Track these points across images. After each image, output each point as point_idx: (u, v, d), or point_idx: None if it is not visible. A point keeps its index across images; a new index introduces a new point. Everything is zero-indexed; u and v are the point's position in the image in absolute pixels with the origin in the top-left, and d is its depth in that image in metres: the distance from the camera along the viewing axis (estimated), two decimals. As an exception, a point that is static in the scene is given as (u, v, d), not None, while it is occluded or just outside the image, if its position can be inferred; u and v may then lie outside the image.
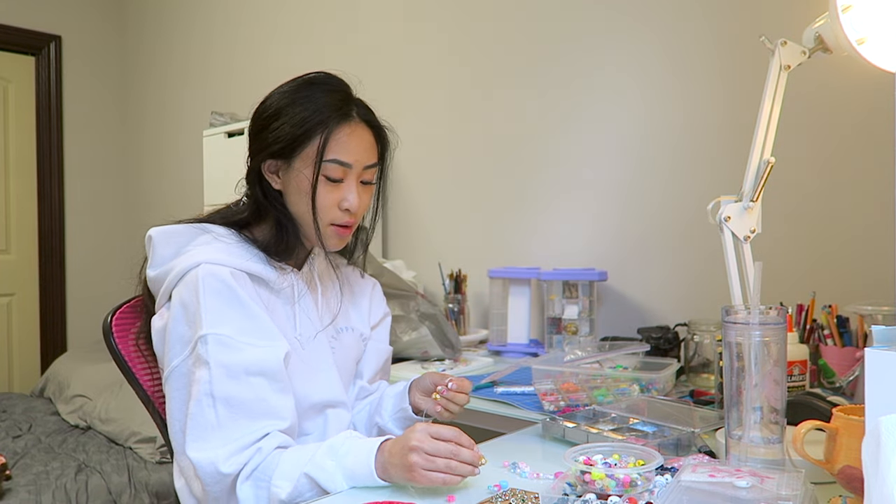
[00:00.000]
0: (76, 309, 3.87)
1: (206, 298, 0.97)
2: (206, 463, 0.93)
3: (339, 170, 1.05)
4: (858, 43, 1.01)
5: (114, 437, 2.54)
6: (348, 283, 1.24)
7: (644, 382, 1.33)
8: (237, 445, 0.94)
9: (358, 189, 1.07)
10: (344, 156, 1.04)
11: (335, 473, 0.91)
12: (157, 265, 1.07)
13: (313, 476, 0.91)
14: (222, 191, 1.10)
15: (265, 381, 0.96)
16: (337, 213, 1.06)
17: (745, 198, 1.09)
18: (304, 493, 0.91)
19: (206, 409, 0.94)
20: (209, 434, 0.94)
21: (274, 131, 1.05)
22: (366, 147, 1.08)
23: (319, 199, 1.05)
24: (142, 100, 3.91)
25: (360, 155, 1.06)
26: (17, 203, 3.72)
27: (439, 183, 2.45)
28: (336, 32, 2.78)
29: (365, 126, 1.08)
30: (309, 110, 1.04)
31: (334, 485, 0.91)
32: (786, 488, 0.73)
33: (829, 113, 1.63)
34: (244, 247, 1.07)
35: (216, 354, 0.95)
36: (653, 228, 1.94)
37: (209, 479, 0.93)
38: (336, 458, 0.92)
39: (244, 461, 0.93)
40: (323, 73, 1.11)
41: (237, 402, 0.95)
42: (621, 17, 1.98)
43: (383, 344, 1.28)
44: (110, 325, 1.16)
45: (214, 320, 0.97)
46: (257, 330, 0.99)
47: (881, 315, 1.30)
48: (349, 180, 1.06)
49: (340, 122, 1.04)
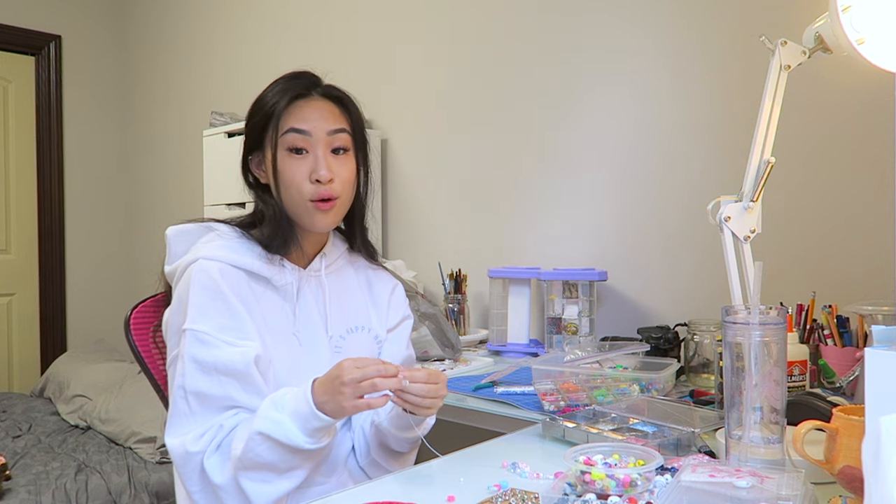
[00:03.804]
0: (76, 309, 3.87)
1: (194, 293, 1.02)
2: (177, 445, 0.99)
3: (299, 138, 1.06)
4: (858, 43, 1.01)
5: (114, 437, 2.54)
6: (367, 283, 1.24)
7: (644, 382, 1.33)
8: (204, 429, 0.99)
9: (328, 159, 1.07)
10: (299, 123, 1.07)
11: (283, 420, 0.93)
12: (171, 261, 1.12)
13: (263, 430, 0.93)
14: (222, 191, 1.11)
15: (234, 381, 1.00)
16: (309, 186, 1.07)
17: (746, 198, 1.09)
18: (256, 448, 0.94)
19: (180, 400, 1.00)
20: (182, 421, 1.00)
21: (248, 127, 1.11)
22: (324, 115, 1.09)
23: (286, 175, 1.07)
24: (142, 100, 3.91)
25: (318, 122, 1.07)
26: (17, 203, 3.73)
27: (439, 183, 2.45)
28: (336, 33, 2.78)
29: (324, 98, 1.11)
30: (268, 96, 1.09)
31: (284, 431, 0.93)
32: (786, 488, 0.73)
33: (829, 113, 1.63)
34: (243, 243, 1.10)
35: (191, 349, 1.00)
36: (653, 228, 1.94)
37: (179, 460, 0.99)
38: (279, 409, 0.95)
39: (210, 439, 0.98)
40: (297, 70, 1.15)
41: (206, 397, 0.99)
42: (621, 18, 1.98)
43: (400, 347, 1.24)
44: (129, 320, 1.21)
45: (196, 316, 1.01)
46: (235, 329, 1.02)
47: (881, 315, 1.30)
48: (314, 150, 1.07)
49: (296, 99, 1.08)
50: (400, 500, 0.86)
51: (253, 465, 0.95)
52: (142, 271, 3.81)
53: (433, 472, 1.01)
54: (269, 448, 0.93)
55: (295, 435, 0.93)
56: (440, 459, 1.07)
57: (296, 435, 0.93)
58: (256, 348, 1.02)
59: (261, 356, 1.03)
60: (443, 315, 1.91)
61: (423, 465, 1.06)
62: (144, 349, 1.20)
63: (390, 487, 0.94)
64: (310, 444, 0.94)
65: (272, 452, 0.94)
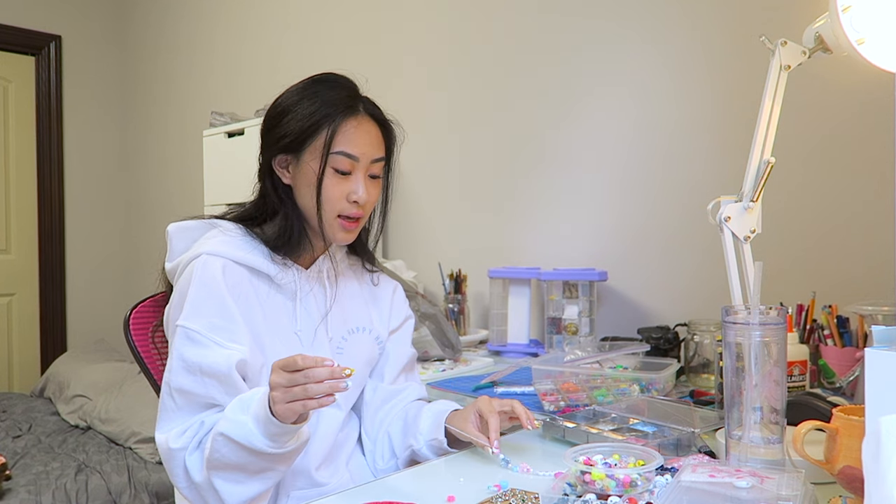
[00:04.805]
0: (76, 309, 3.87)
1: (192, 288, 1.02)
2: (162, 442, 0.99)
3: (347, 162, 1.08)
4: (858, 43, 1.01)
5: (114, 437, 2.54)
6: (368, 284, 1.26)
7: (644, 382, 1.33)
8: (186, 426, 0.99)
9: (366, 182, 1.10)
10: (351, 148, 1.08)
11: (245, 422, 0.91)
12: (171, 258, 1.13)
13: (225, 432, 0.91)
14: (222, 191, 1.11)
15: (216, 383, 0.99)
16: (345, 204, 1.09)
17: (746, 198, 1.09)
18: (221, 449, 0.92)
19: (166, 395, 1.01)
20: (168, 416, 1.00)
21: (284, 126, 1.09)
22: (372, 141, 1.11)
23: (327, 191, 1.08)
24: (142, 100, 3.91)
25: (366, 148, 1.09)
26: (17, 203, 3.73)
27: (439, 183, 2.45)
28: (336, 33, 2.78)
29: (371, 120, 1.12)
30: (316, 105, 1.08)
31: (245, 433, 0.90)
32: (786, 488, 0.73)
33: (829, 113, 1.63)
34: (247, 240, 1.10)
35: (180, 347, 1.00)
36: (653, 228, 1.94)
37: (165, 455, 0.99)
38: (244, 410, 0.93)
39: (191, 436, 0.98)
40: (331, 73, 1.14)
41: (189, 395, 0.99)
42: (621, 18, 1.98)
43: (405, 347, 1.28)
44: (128, 320, 1.21)
45: (190, 312, 1.01)
46: (226, 329, 1.02)
47: (881, 315, 1.30)
48: (357, 173, 1.09)
49: (347, 116, 1.08)
50: (400, 501, 0.86)
51: (221, 466, 0.93)
52: (142, 272, 3.82)
53: (433, 472, 1.01)
54: (233, 450, 0.91)
55: (256, 438, 0.90)
56: (440, 459, 1.07)
57: (257, 438, 0.90)
58: (242, 353, 1.01)
59: (247, 361, 1.01)
60: (443, 315, 1.91)
61: (423, 466, 1.06)
62: (144, 349, 1.20)
63: (390, 487, 0.94)
64: (272, 448, 0.91)
65: (236, 454, 0.92)
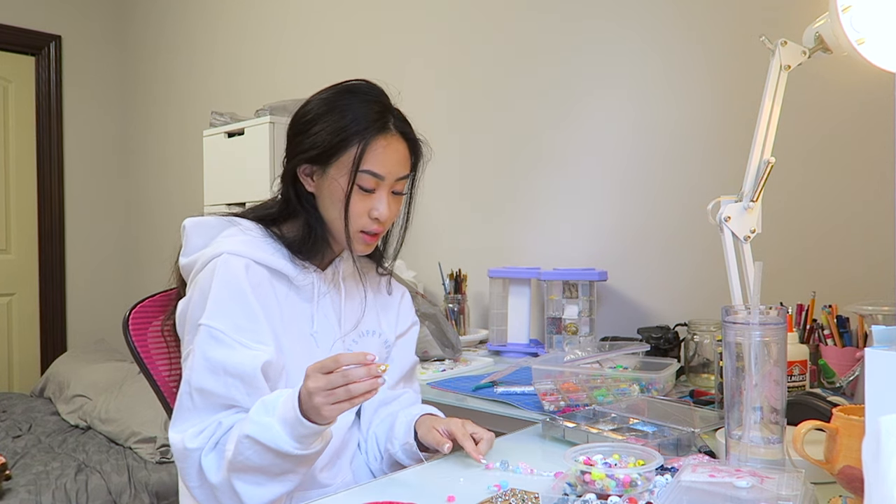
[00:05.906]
0: (76, 309, 3.87)
1: (216, 288, 1.01)
2: (177, 441, 0.98)
3: (372, 181, 1.07)
4: (858, 43, 1.01)
5: (114, 437, 2.54)
6: (378, 289, 1.26)
7: (644, 382, 1.33)
8: (203, 426, 0.98)
9: (389, 199, 1.10)
10: (378, 168, 1.06)
11: (271, 425, 0.91)
12: (188, 253, 1.12)
13: (252, 434, 0.91)
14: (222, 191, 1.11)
15: (240, 384, 0.99)
16: (367, 220, 1.09)
17: (746, 198, 1.09)
18: (245, 452, 0.92)
19: (185, 395, 1.00)
20: (185, 416, 0.99)
21: (312, 136, 1.07)
22: (399, 159, 1.10)
23: (352, 207, 1.07)
24: (142, 100, 3.91)
25: (393, 167, 1.08)
26: (17, 203, 3.73)
27: (440, 183, 2.45)
28: (336, 33, 2.78)
29: (400, 138, 1.10)
30: (347, 119, 1.06)
31: (272, 436, 0.90)
32: (786, 488, 0.73)
33: (829, 113, 1.63)
34: (268, 241, 1.10)
35: (203, 346, 0.99)
36: (653, 228, 1.94)
37: (179, 455, 0.98)
38: (269, 413, 0.92)
39: (208, 436, 0.97)
40: (363, 81, 1.13)
41: (209, 395, 0.99)
42: (621, 18, 1.98)
43: (409, 352, 1.28)
44: (128, 320, 1.21)
45: (214, 312, 1.00)
46: (251, 331, 1.01)
47: (881, 315, 1.30)
48: (381, 191, 1.09)
49: (377, 134, 1.06)
50: (400, 501, 0.86)
51: (244, 468, 0.93)
52: (142, 272, 3.82)
53: (433, 472, 1.01)
54: (258, 452, 0.91)
55: (283, 440, 0.90)
56: (440, 459, 1.07)
57: (284, 441, 0.90)
58: (269, 353, 1.01)
59: (272, 362, 1.02)
60: (443, 315, 1.91)
61: (423, 466, 1.06)
62: (143, 349, 1.20)
63: (390, 487, 0.94)
64: (298, 449, 0.91)
65: (261, 456, 0.91)
